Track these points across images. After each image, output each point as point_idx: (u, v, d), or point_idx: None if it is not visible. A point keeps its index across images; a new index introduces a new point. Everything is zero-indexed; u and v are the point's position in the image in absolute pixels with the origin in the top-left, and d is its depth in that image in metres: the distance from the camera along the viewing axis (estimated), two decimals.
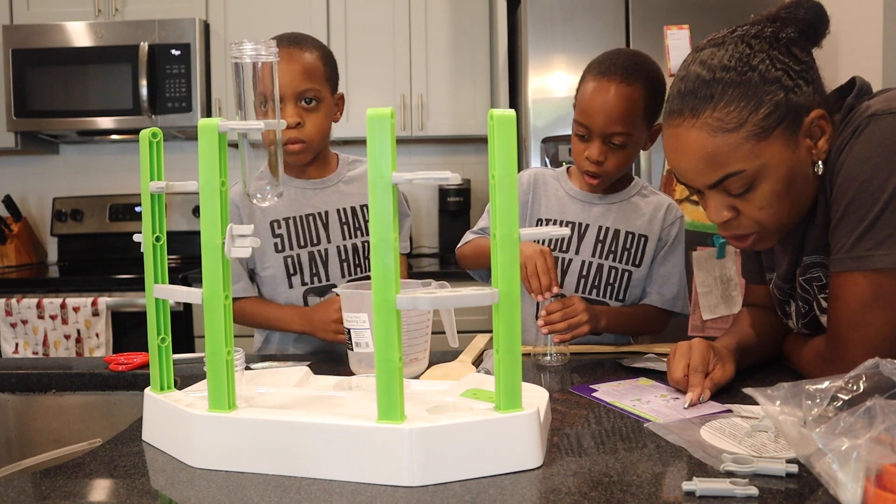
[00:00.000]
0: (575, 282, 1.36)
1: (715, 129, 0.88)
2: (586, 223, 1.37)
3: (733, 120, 0.88)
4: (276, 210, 1.38)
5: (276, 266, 1.38)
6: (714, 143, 0.89)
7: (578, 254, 1.36)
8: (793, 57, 0.90)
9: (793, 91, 0.88)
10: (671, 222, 1.38)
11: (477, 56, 2.89)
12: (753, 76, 0.88)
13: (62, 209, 3.09)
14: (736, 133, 0.88)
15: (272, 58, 0.77)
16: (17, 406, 1.14)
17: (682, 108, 0.91)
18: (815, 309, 1.00)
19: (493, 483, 0.68)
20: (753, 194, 0.91)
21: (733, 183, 0.90)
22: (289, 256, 1.38)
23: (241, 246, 0.74)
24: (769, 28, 0.92)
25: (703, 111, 0.89)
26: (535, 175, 1.44)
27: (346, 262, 1.41)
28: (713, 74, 0.89)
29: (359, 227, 1.43)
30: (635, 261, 1.37)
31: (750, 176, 0.89)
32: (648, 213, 1.38)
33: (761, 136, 0.88)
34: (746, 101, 0.88)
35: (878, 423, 0.58)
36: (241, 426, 0.74)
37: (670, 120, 0.93)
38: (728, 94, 0.88)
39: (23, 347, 2.48)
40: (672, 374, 0.98)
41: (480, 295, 0.72)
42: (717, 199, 0.93)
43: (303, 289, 1.39)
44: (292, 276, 1.39)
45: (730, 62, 0.89)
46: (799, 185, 0.92)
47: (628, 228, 1.37)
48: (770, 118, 0.88)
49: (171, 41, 2.76)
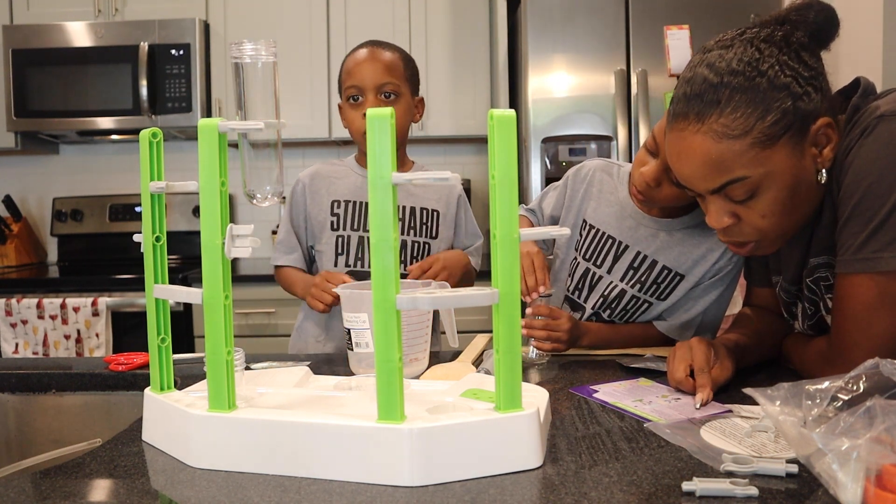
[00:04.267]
0: (594, 299, 1.30)
1: (720, 135, 0.87)
2: (626, 244, 1.28)
3: (739, 126, 0.87)
4: (340, 191, 1.50)
5: (329, 243, 1.48)
6: (718, 148, 0.88)
7: (610, 274, 1.29)
8: (802, 63, 0.88)
9: (801, 98, 0.87)
10: (729, 259, 1.25)
11: (477, 56, 2.89)
12: (762, 82, 0.86)
13: (62, 209, 3.09)
14: (741, 140, 0.87)
15: (272, 58, 0.77)
16: (17, 406, 1.14)
17: (688, 112, 0.90)
18: (822, 310, 1.00)
19: (493, 483, 0.68)
20: (756, 202, 0.90)
21: (736, 189, 0.89)
22: (340, 236, 1.48)
23: (240, 246, 0.74)
24: (779, 31, 0.90)
25: (708, 116, 0.88)
26: (596, 171, 1.36)
27: None
28: (721, 78, 0.88)
29: (413, 227, 1.49)
30: (661, 295, 1.27)
31: (753, 183, 0.88)
32: (702, 250, 1.25)
33: (767, 144, 0.87)
34: (754, 107, 0.86)
35: (878, 423, 0.58)
36: (241, 426, 0.74)
37: (675, 123, 0.92)
38: (735, 100, 0.87)
39: (23, 347, 2.48)
40: (673, 375, 0.97)
41: (480, 295, 0.72)
42: (719, 204, 0.93)
43: (345, 269, 1.46)
44: (339, 256, 1.48)
45: (738, 66, 0.87)
46: (802, 194, 0.91)
47: (667, 263, 1.26)
48: (777, 126, 0.86)
49: (171, 41, 2.76)
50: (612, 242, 1.29)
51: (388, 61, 1.43)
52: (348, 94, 1.43)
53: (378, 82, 1.41)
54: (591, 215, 1.33)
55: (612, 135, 2.40)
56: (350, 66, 1.43)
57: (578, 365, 1.16)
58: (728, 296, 1.28)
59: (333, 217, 1.49)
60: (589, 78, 2.42)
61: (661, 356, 1.16)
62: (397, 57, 1.45)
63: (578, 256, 1.33)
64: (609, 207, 1.32)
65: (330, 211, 1.49)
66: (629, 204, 1.30)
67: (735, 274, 1.26)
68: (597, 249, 1.31)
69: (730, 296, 1.29)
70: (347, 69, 1.44)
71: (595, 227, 1.32)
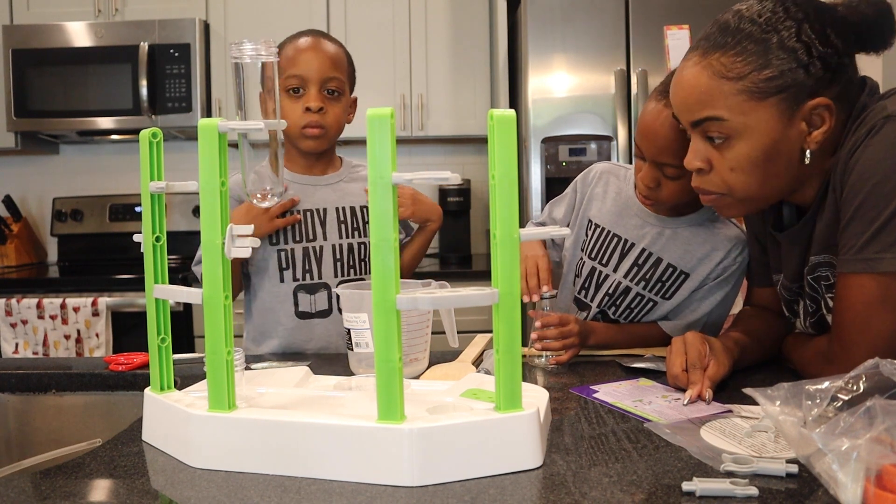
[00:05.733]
0: (600, 297, 1.31)
1: (716, 72, 0.90)
2: (632, 242, 1.28)
3: (736, 69, 0.89)
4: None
5: (270, 258, 1.37)
6: (709, 84, 0.91)
7: (616, 272, 1.29)
8: (824, 37, 0.89)
9: (805, 68, 0.88)
10: (733, 259, 1.24)
11: (477, 56, 2.89)
12: (773, 38, 0.89)
13: (62, 209, 3.09)
14: (732, 82, 0.89)
15: (272, 58, 0.77)
16: (17, 406, 1.14)
17: (699, 46, 0.94)
18: (823, 308, 1.00)
19: (493, 483, 0.68)
20: (729, 151, 0.92)
21: (712, 127, 0.92)
22: (282, 250, 1.37)
23: (240, 246, 0.74)
24: (815, 2, 0.91)
25: (713, 52, 0.91)
26: (601, 173, 1.37)
27: (339, 261, 1.40)
28: (739, 24, 0.91)
29: (357, 228, 1.42)
30: (666, 294, 1.27)
31: (730, 128, 0.91)
32: (706, 249, 1.25)
33: (755, 96, 0.89)
34: (755, 57, 0.89)
35: (878, 423, 0.58)
36: (241, 426, 0.74)
37: (687, 54, 0.96)
38: (741, 46, 0.90)
39: (23, 347, 2.48)
40: (670, 371, 0.98)
41: (480, 295, 0.72)
42: (697, 144, 0.95)
43: (294, 284, 1.37)
44: (284, 271, 1.37)
45: (759, 17, 0.90)
46: (779, 164, 0.92)
47: (671, 260, 1.26)
48: (770, 83, 0.88)
49: (171, 41, 2.76)
50: (617, 241, 1.30)
51: (333, 55, 1.34)
52: (288, 84, 1.31)
53: (324, 76, 1.31)
54: (597, 215, 1.33)
55: (612, 135, 2.40)
56: (292, 54, 1.32)
57: (579, 365, 1.16)
58: (732, 296, 1.28)
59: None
60: (589, 78, 2.42)
61: (660, 356, 1.16)
62: (342, 52, 1.37)
63: (584, 256, 1.33)
64: (615, 206, 1.32)
65: None
66: (635, 203, 1.30)
67: (739, 274, 1.26)
68: (603, 248, 1.31)
69: (734, 296, 1.29)
70: (288, 56, 1.32)
71: (601, 227, 1.32)
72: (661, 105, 1.11)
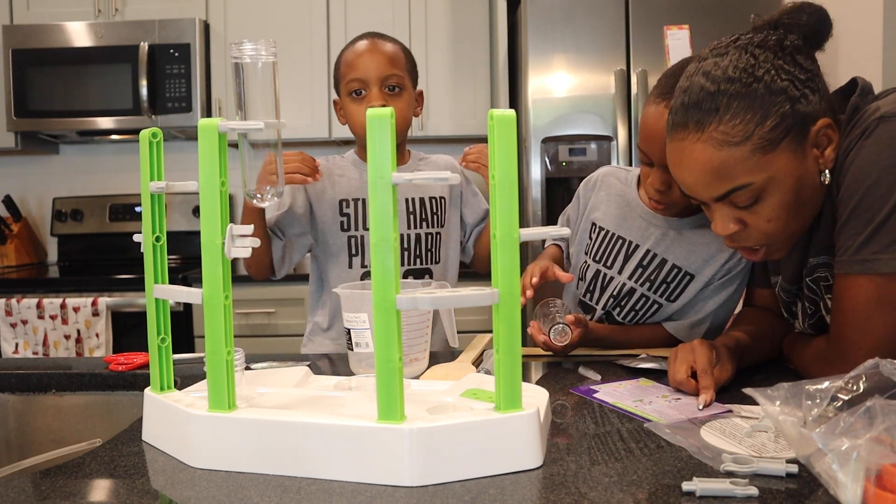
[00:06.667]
0: (605, 299, 1.30)
1: (721, 143, 0.87)
2: (636, 243, 1.28)
3: (739, 133, 0.86)
4: (347, 190, 1.44)
5: (340, 244, 1.43)
6: (720, 156, 0.87)
7: (621, 274, 1.28)
8: (798, 66, 0.88)
9: (799, 101, 0.87)
10: (738, 259, 1.23)
11: (477, 56, 2.89)
12: (759, 87, 0.86)
13: (62, 209, 3.09)
14: (742, 146, 0.87)
15: (272, 58, 0.77)
16: (17, 406, 1.14)
17: (687, 122, 0.90)
18: (822, 309, 1.00)
19: (493, 483, 0.68)
20: (761, 206, 0.90)
21: (740, 196, 0.89)
22: (353, 237, 1.43)
23: (241, 246, 0.74)
24: (773, 36, 0.90)
25: (708, 124, 0.88)
26: (603, 177, 1.37)
27: (407, 250, 1.44)
28: (718, 86, 0.88)
29: (425, 219, 1.46)
30: (671, 296, 1.26)
31: (757, 189, 0.88)
32: (712, 249, 1.24)
33: (768, 149, 0.87)
34: (752, 113, 0.86)
35: (878, 423, 0.58)
36: (241, 426, 0.74)
37: (674, 133, 0.92)
38: (734, 107, 0.87)
39: (23, 347, 2.48)
40: (674, 376, 0.97)
41: (480, 295, 0.72)
42: (724, 211, 0.92)
43: (362, 270, 1.42)
44: (353, 257, 1.43)
45: (734, 73, 0.87)
46: (807, 195, 0.91)
47: (676, 261, 1.25)
48: (777, 130, 0.86)
49: (171, 41, 2.76)
50: (622, 243, 1.29)
51: (390, 53, 1.38)
52: (350, 87, 1.37)
53: (382, 74, 1.35)
54: (600, 218, 1.33)
55: (612, 135, 2.40)
56: (351, 59, 1.38)
57: (579, 365, 1.16)
58: (737, 296, 1.28)
59: (343, 217, 1.43)
60: (589, 78, 2.42)
61: (660, 356, 1.16)
62: (399, 49, 1.41)
63: (588, 259, 1.33)
64: (618, 209, 1.32)
65: (339, 211, 1.43)
66: (638, 205, 1.30)
67: (744, 274, 1.26)
68: (607, 250, 1.31)
69: (738, 296, 1.28)
70: (348, 61, 1.38)
71: (604, 229, 1.32)
72: (661, 107, 1.11)
